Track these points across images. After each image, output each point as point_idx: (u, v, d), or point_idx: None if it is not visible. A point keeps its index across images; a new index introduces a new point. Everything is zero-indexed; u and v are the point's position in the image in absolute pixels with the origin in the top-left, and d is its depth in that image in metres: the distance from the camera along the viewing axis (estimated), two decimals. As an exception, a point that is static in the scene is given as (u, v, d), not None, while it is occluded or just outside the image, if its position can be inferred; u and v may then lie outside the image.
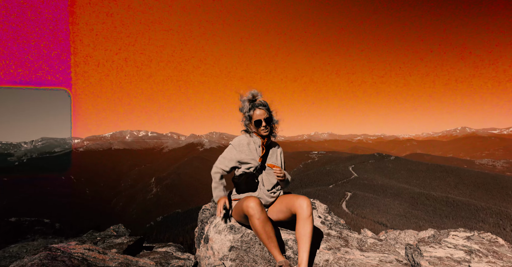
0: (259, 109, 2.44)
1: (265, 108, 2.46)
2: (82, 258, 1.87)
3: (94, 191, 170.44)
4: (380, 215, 73.36)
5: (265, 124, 2.45)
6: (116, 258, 2.06)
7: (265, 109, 2.46)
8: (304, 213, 2.12)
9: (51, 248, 1.92)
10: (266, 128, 2.48)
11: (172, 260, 2.45)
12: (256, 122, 2.46)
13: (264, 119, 2.44)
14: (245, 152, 2.52)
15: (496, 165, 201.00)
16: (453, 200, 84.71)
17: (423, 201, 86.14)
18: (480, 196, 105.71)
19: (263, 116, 2.44)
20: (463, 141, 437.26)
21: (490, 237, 2.42)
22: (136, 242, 2.84)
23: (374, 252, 2.30)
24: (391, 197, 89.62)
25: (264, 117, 2.44)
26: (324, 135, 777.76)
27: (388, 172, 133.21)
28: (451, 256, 2.16)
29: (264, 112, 2.44)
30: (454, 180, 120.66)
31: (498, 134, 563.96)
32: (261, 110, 2.44)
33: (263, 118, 2.44)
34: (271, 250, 2.06)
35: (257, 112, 2.44)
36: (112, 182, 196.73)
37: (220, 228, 2.52)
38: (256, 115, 2.45)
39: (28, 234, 6.45)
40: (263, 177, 2.46)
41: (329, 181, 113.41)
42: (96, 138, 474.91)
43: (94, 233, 6.60)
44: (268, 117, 2.46)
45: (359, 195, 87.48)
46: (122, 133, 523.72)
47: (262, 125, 2.45)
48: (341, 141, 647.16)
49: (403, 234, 3.42)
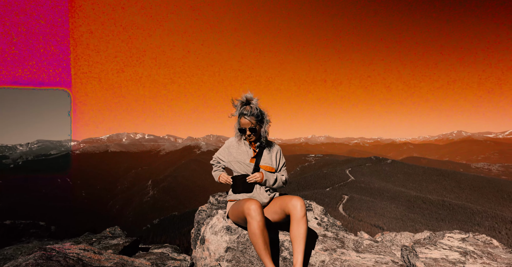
0: (245, 118, 2.43)
1: (251, 118, 2.43)
2: (77, 258, 1.85)
3: (90, 194, 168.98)
4: (377, 218, 73.38)
5: (249, 133, 2.47)
6: (111, 258, 2.04)
7: (252, 118, 2.43)
8: (298, 214, 2.12)
9: (45, 248, 1.91)
10: (249, 137, 2.51)
11: (168, 261, 2.44)
12: (240, 130, 2.51)
13: (249, 128, 2.45)
14: (235, 154, 2.57)
15: (492, 169, 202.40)
16: (449, 204, 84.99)
17: (420, 204, 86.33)
18: (476, 200, 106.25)
19: (247, 125, 2.45)
20: (459, 145, 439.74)
21: (485, 239, 2.44)
22: (132, 243, 2.82)
23: (370, 254, 2.30)
24: (388, 200, 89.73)
25: (248, 127, 2.45)
26: (321, 138, 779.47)
27: (385, 175, 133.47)
28: (446, 257, 2.18)
29: (249, 122, 2.43)
30: (451, 184, 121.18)
31: (494, 137, 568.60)
32: (246, 120, 2.43)
33: (247, 128, 2.45)
34: (263, 257, 1.99)
35: (242, 121, 2.45)
36: (108, 184, 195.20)
37: (217, 229, 2.53)
38: (242, 124, 2.47)
39: (23, 237, 6.37)
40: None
41: (326, 184, 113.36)
42: (92, 140, 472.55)
43: (90, 235, 6.55)
44: (253, 127, 2.45)
45: (355, 198, 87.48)
46: (118, 135, 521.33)
47: (246, 133, 2.48)
48: (338, 144, 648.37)
49: (399, 236, 3.43)
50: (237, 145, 2.61)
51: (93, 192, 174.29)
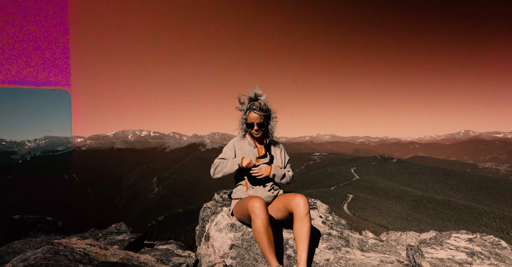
0: (254, 112, 2.45)
1: (260, 113, 2.45)
2: (84, 253, 1.89)
3: (96, 190, 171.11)
4: (382, 218, 73.01)
5: (256, 128, 2.48)
6: (117, 253, 2.07)
7: (261, 113, 2.45)
8: (301, 212, 2.11)
9: (53, 242, 1.95)
10: (257, 132, 2.51)
11: (173, 257, 2.46)
12: (248, 125, 2.51)
13: (257, 123, 2.46)
14: (240, 154, 2.55)
15: (500, 169, 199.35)
16: (455, 204, 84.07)
17: (425, 204, 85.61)
18: (483, 200, 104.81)
19: (256, 120, 2.46)
20: (467, 144, 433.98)
21: (493, 240, 2.41)
22: (137, 239, 2.85)
23: (375, 253, 2.29)
24: (393, 200, 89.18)
25: (257, 122, 2.46)
26: (326, 136, 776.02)
27: (390, 175, 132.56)
28: (452, 257, 2.15)
29: (258, 117, 2.45)
30: (457, 184, 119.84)
31: (503, 137, 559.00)
32: (255, 115, 2.45)
33: (255, 122, 2.46)
34: (267, 254, 1.98)
35: (252, 115, 2.46)
36: (114, 181, 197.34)
37: (221, 226, 2.54)
38: (250, 118, 2.47)
39: (31, 231, 6.49)
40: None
41: (331, 183, 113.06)
42: (98, 137, 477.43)
43: (96, 230, 6.65)
44: (261, 122, 2.47)
45: (360, 197, 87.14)
46: (124, 132, 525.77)
47: (254, 128, 2.48)
48: (343, 142, 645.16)
49: (404, 236, 3.41)
50: (240, 145, 2.60)
51: (99, 188, 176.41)
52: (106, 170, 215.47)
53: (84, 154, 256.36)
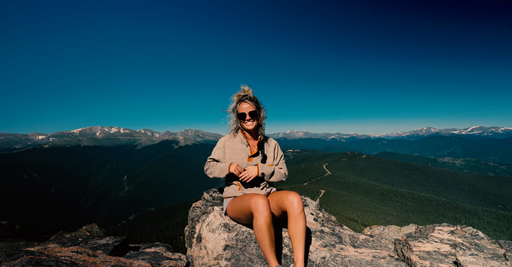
0: (245, 102, 2.44)
1: (251, 102, 2.44)
2: (71, 262, 1.65)
3: (60, 190, 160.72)
4: (351, 212, 76.11)
5: (249, 118, 2.44)
6: (108, 260, 1.87)
7: (252, 103, 2.44)
8: (295, 210, 2.07)
9: (33, 252, 1.68)
10: (249, 122, 2.46)
11: (163, 260, 2.34)
12: (240, 115, 2.46)
13: (249, 113, 2.43)
14: (231, 153, 2.50)
15: (456, 163, 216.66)
16: (418, 196, 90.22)
17: (392, 197, 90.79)
18: (441, 192, 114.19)
19: (247, 110, 2.43)
20: (428, 141, 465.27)
21: (472, 231, 2.57)
22: (122, 243, 2.69)
23: (366, 248, 2.35)
24: (362, 194, 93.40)
25: (248, 111, 2.43)
26: (299, 133, 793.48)
27: (360, 170, 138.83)
28: (438, 250, 2.27)
29: (250, 106, 2.43)
30: (420, 177, 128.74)
31: (458, 134, 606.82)
32: (247, 104, 2.43)
33: (247, 112, 2.43)
34: (267, 254, 1.94)
35: (243, 105, 2.44)
36: (80, 180, 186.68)
37: (214, 227, 2.46)
38: (241, 109, 2.44)
39: (-14, 237, 5.90)
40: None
41: (304, 179, 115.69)
42: (63, 134, 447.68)
43: (64, 233, 6.17)
44: (253, 111, 2.44)
45: (332, 192, 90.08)
46: (92, 129, 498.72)
47: (246, 118, 2.44)
48: (315, 139, 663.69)
49: (387, 230, 3.55)
50: (231, 144, 2.53)
51: (64, 188, 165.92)
52: (71, 169, 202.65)
53: (46, 152, 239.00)
